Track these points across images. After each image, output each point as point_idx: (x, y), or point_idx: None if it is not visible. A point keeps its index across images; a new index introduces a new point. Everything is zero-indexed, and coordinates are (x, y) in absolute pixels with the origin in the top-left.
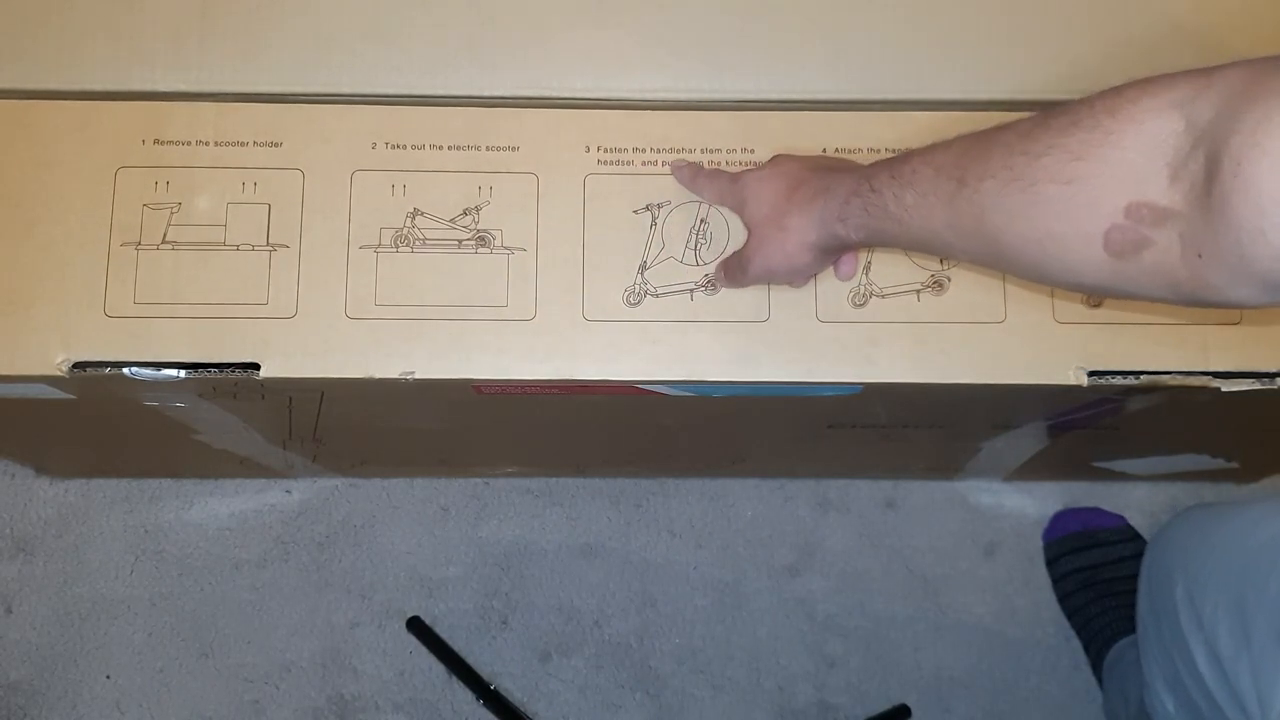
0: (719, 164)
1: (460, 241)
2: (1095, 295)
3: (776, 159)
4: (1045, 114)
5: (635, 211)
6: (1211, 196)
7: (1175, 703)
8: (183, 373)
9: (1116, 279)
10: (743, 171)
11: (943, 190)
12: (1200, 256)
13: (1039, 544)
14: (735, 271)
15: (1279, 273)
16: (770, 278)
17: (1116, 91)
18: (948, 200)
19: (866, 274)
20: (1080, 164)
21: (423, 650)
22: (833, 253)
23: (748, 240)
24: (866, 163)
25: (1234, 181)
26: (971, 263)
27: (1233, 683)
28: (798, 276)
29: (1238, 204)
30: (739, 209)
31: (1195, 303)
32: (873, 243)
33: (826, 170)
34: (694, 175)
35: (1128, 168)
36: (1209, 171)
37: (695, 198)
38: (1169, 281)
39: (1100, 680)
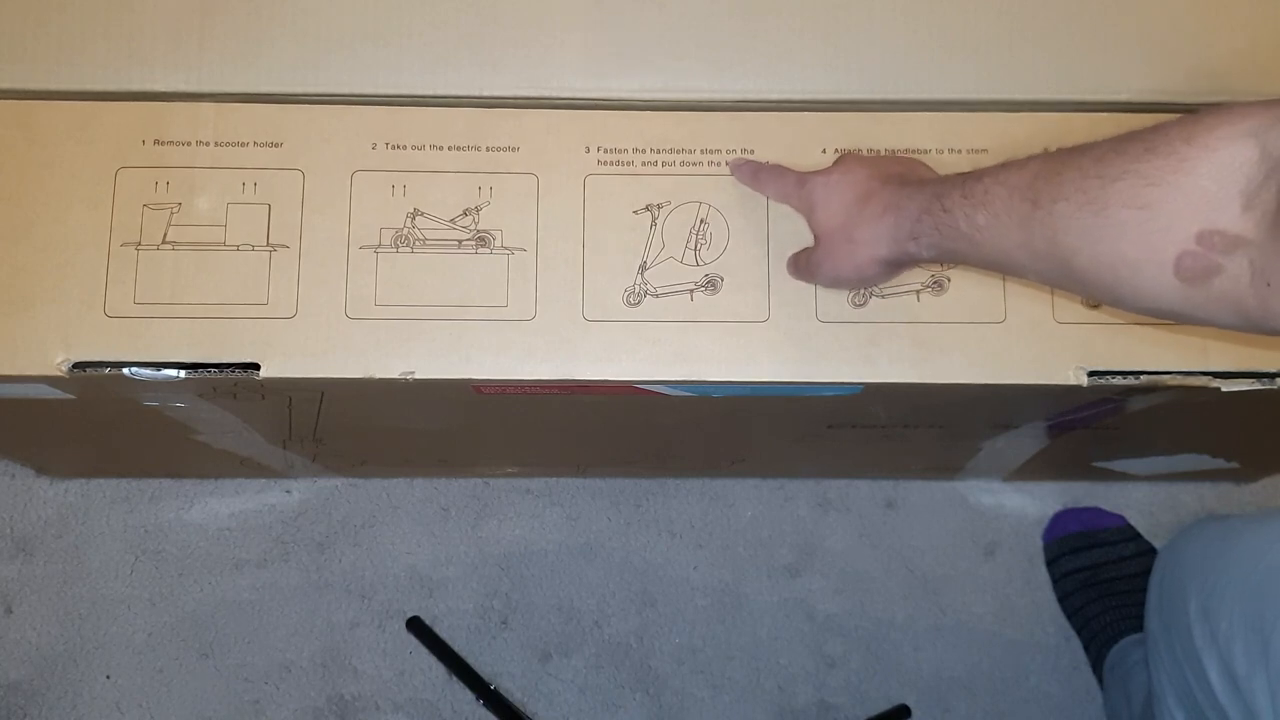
0: (720, 165)
1: (460, 242)
2: (1166, 320)
3: (844, 161)
4: (1120, 138)
5: (635, 212)
6: None
7: (1185, 717)
8: (183, 373)
9: (1186, 305)
10: (809, 174)
11: (1016, 212)
12: (1269, 285)
13: (1039, 544)
14: (804, 272)
15: None
16: (839, 285)
17: (1194, 119)
18: (1021, 222)
19: None
20: (1154, 190)
21: (423, 650)
22: (903, 267)
23: (817, 245)
24: (936, 174)
25: None
26: (1043, 283)
27: (1248, 700)
28: (866, 284)
29: None
30: (806, 213)
31: (1263, 330)
32: (943, 260)
33: (898, 183)
34: (755, 172)
35: (1201, 194)
36: None
37: (695, 198)
38: (1238, 309)
39: (1100, 680)
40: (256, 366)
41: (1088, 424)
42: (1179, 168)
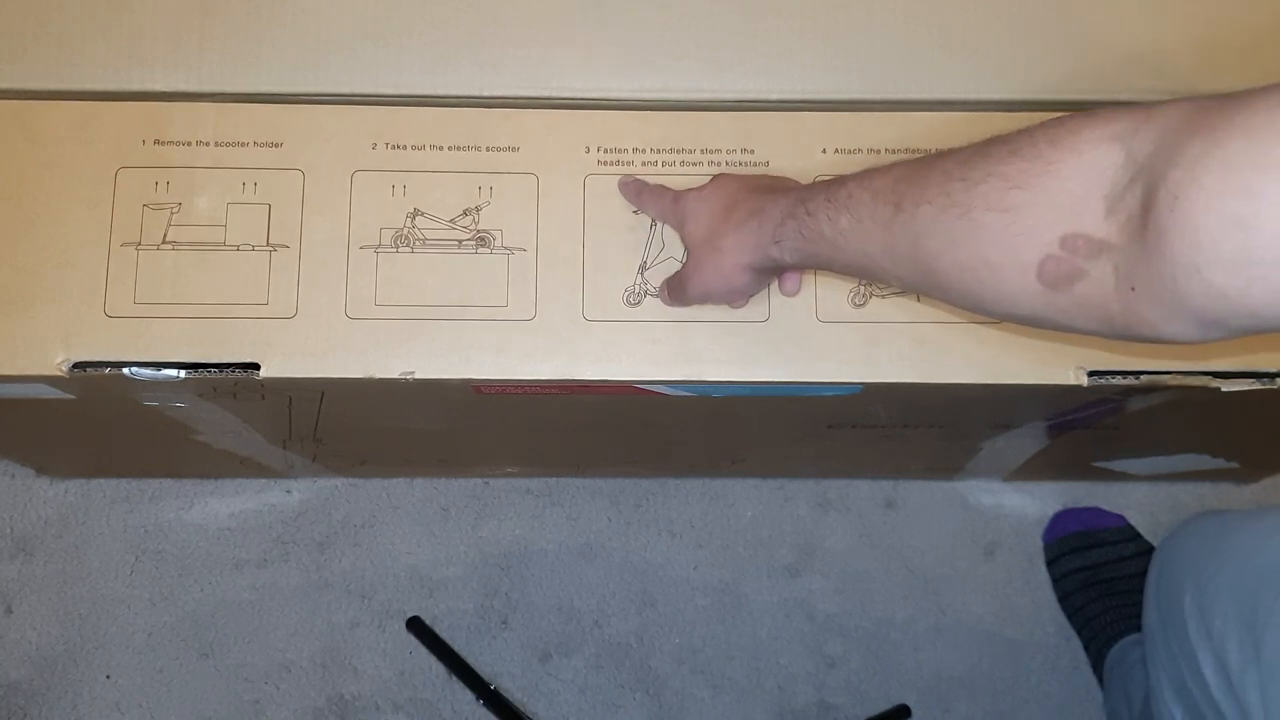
0: (719, 165)
1: (460, 242)
2: (1027, 325)
3: (717, 178)
4: (985, 142)
5: (635, 212)
6: (1147, 230)
7: (1183, 712)
8: (183, 373)
9: (1049, 310)
10: (684, 190)
11: (879, 215)
12: (1134, 290)
13: (1039, 544)
14: (676, 291)
15: (1212, 309)
16: (708, 298)
17: (1058, 122)
18: (883, 225)
19: None
20: (1018, 192)
21: (423, 650)
22: (769, 274)
23: (686, 260)
24: (807, 181)
25: (1170, 216)
26: (905, 289)
27: (1240, 696)
28: (736, 296)
29: (1173, 239)
30: (679, 228)
31: (1127, 336)
32: (807, 265)
33: (763, 191)
34: (639, 191)
35: (1065, 198)
36: (1145, 205)
37: None
38: (1102, 314)
39: (1100, 680)
40: (256, 366)
41: (1088, 424)
42: (1044, 170)
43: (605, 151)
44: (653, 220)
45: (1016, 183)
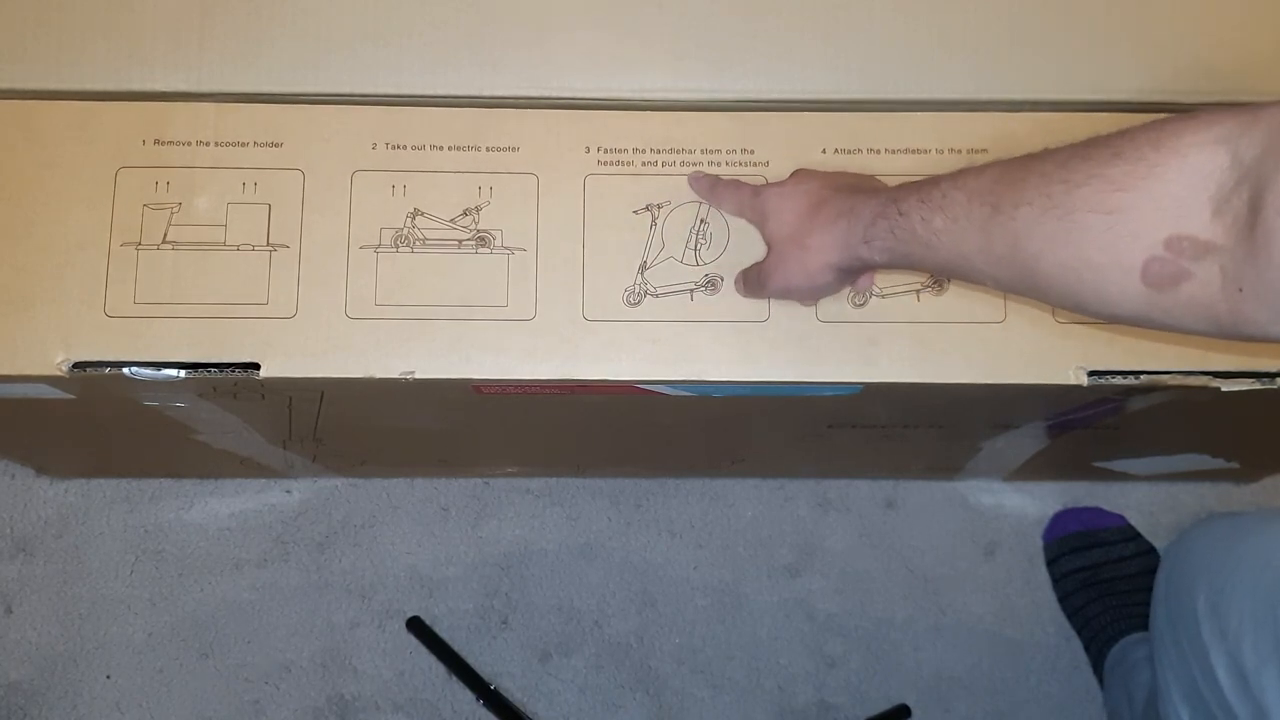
0: (719, 165)
1: (460, 241)
2: (1131, 326)
3: (798, 174)
4: (1084, 144)
5: (635, 212)
6: (1255, 232)
7: (1190, 713)
8: (183, 373)
9: (1154, 311)
10: (764, 185)
11: (975, 216)
12: (1241, 291)
13: (1039, 544)
14: (754, 285)
15: None
16: (789, 295)
17: (1160, 124)
18: (980, 226)
19: None
20: (1122, 195)
21: (423, 650)
22: (854, 274)
23: (768, 256)
24: (891, 181)
25: (1278, 219)
26: (1001, 289)
27: (1257, 695)
28: (818, 294)
29: None
30: (760, 224)
31: (1234, 337)
32: (897, 265)
33: (850, 190)
34: (712, 186)
35: (1169, 200)
36: (1253, 207)
37: (695, 198)
38: (1208, 315)
39: (1100, 680)
40: (256, 366)
41: (1088, 424)
42: (1148, 173)
43: (605, 151)
44: (653, 220)
45: (1120, 185)
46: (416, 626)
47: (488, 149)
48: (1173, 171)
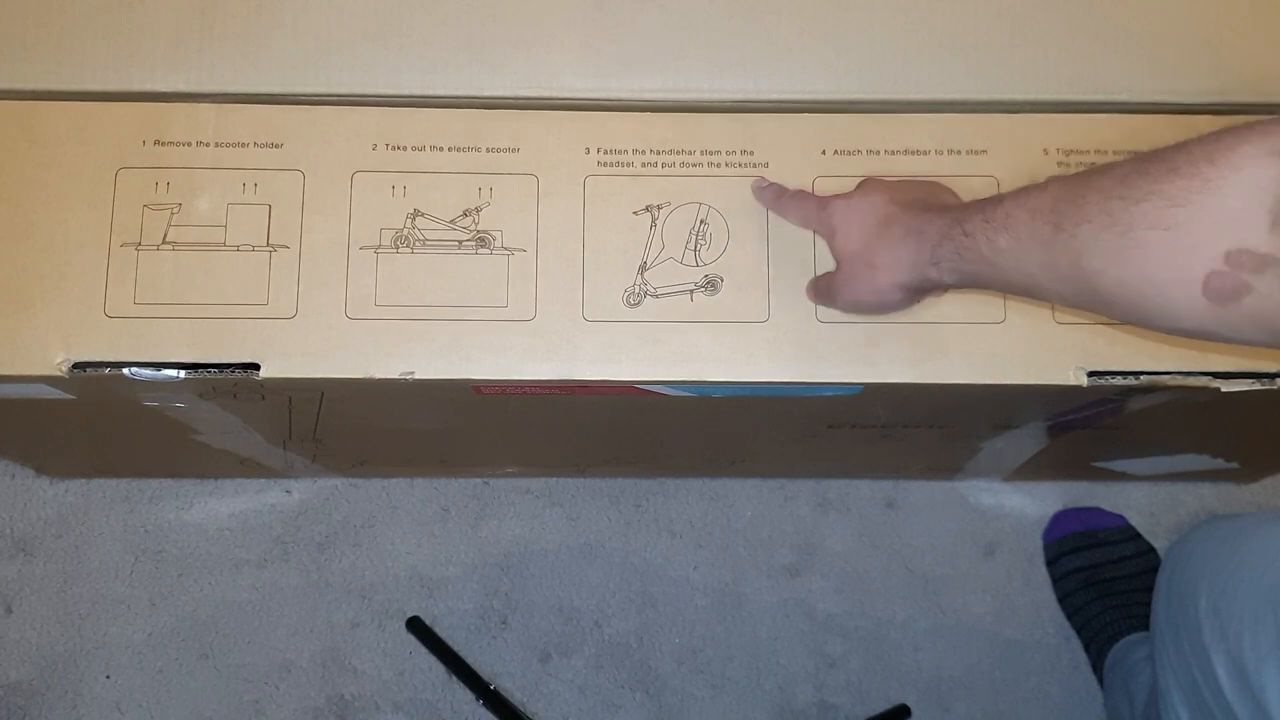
0: (719, 166)
1: (460, 242)
2: (1194, 338)
3: (866, 185)
4: (1141, 159)
5: (635, 212)
6: None
7: (1190, 713)
8: (183, 373)
9: (1217, 324)
10: (831, 197)
11: (1038, 234)
12: None
13: (1039, 544)
14: (825, 296)
15: None
16: (858, 310)
17: (1215, 137)
18: (1043, 244)
19: None
20: (1179, 210)
21: (423, 650)
22: (924, 293)
23: (838, 270)
24: (957, 198)
25: None
26: (1069, 306)
27: (1258, 692)
28: (888, 310)
29: None
30: (827, 237)
31: None
32: (964, 285)
33: (918, 209)
34: (778, 196)
35: (1227, 214)
36: None
37: (695, 199)
38: (1270, 327)
39: (1100, 680)
40: (256, 366)
41: (1088, 424)
42: (1204, 188)
43: (605, 152)
44: (653, 221)
45: (1177, 200)
46: (416, 626)
47: (488, 150)
48: (1229, 185)
